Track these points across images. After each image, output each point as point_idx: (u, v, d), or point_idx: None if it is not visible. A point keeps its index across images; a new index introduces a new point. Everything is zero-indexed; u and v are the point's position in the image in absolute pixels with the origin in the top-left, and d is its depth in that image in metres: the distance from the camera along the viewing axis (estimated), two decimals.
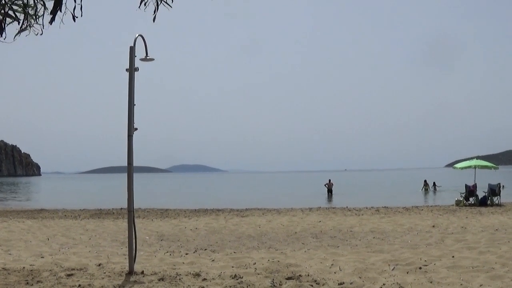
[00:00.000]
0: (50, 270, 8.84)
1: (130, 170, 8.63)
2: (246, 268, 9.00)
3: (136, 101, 8.67)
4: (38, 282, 7.94)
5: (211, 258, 10.23)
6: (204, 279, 8.08)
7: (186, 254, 11.08)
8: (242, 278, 8.12)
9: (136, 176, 9.01)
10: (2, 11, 5.68)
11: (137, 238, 8.90)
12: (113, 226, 18.25)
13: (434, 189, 47.43)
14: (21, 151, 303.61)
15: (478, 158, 31.60)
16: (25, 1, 5.79)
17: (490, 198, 26.75)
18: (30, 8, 5.84)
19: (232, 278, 8.11)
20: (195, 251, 11.61)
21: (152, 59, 9.13)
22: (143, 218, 21.41)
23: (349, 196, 41.87)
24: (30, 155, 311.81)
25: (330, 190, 43.00)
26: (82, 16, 5.66)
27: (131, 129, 8.62)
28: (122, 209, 26.26)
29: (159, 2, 5.96)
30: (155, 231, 16.58)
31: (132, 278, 8.21)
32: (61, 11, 5.50)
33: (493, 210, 23.01)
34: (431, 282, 7.68)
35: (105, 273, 8.64)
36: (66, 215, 23.78)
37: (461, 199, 27.00)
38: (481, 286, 7.44)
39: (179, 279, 8.07)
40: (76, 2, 5.57)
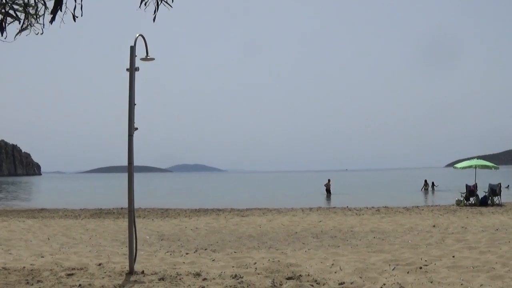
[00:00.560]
0: (51, 270, 8.84)
1: (130, 169, 8.63)
2: (247, 268, 9.00)
3: (136, 100, 8.67)
4: (38, 281, 7.94)
5: (212, 258, 10.24)
6: (204, 279, 8.09)
7: (187, 253, 11.08)
8: (242, 278, 8.12)
9: (136, 175, 9.01)
10: (3, 11, 5.69)
11: (137, 237, 8.91)
12: (113, 226, 18.26)
13: (433, 188, 47.61)
14: (21, 151, 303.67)
15: (479, 158, 31.66)
16: (25, 0, 5.80)
17: (490, 198, 26.75)
18: (31, 7, 5.85)
19: (232, 278, 8.11)
20: (196, 251, 11.61)
21: (152, 59, 9.13)
22: (144, 217, 21.42)
23: (349, 196, 41.85)
24: (31, 155, 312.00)
25: (328, 190, 43.09)
26: (82, 15, 5.68)
27: (132, 128, 8.62)
28: (122, 208, 26.27)
29: (159, 2, 5.97)
30: (156, 231, 16.59)
31: (132, 278, 8.21)
32: (61, 11, 5.52)
33: (493, 210, 23.00)
34: (432, 282, 7.68)
35: (105, 272, 8.65)
36: (66, 215, 23.79)
37: (461, 199, 26.99)
38: (481, 286, 7.44)
39: (180, 279, 8.07)
40: (76, 2, 5.58)
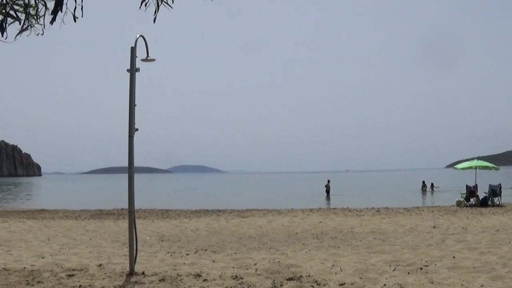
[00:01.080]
0: (51, 271, 8.84)
1: (131, 170, 8.63)
2: (247, 268, 9.00)
3: (137, 101, 8.68)
4: (38, 282, 7.94)
5: (212, 259, 10.23)
6: (205, 280, 8.08)
7: (187, 254, 11.08)
8: (243, 278, 8.12)
9: (136, 176, 9.01)
10: (3, 11, 5.69)
11: (137, 238, 8.91)
12: (113, 227, 18.25)
13: (432, 189, 47.68)
14: (21, 152, 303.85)
15: (479, 158, 31.66)
16: (26, 1, 5.80)
17: (491, 198, 26.74)
18: (31, 8, 5.85)
19: (233, 279, 8.11)
20: (196, 252, 11.61)
21: (153, 60, 9.13)
22: (144, 218, 21.41)
23: (350, 197, 41.86)
24: (31, 156, 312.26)
25: (327, 191, 43.14)
26: (82, 16, 5.68)
27: (132, 129, 8.62)
28: (122, 209, 26.25)
29: (160, 3, 5.97)
30: (156, 232, 16.58)
31: (132, 279, 8.21)
32: (62, 11, 5.52)
33: (494, 210, 23.00)
34: (432, 283, 7.67)
35: (105, 273, 8.64)
36: (66, 216, 23.78)
37: (462, 200, 26.98)
38: (482, 286, 7.43)
39: (180, 280, 8.07)
40: (76, 3, 5.58)
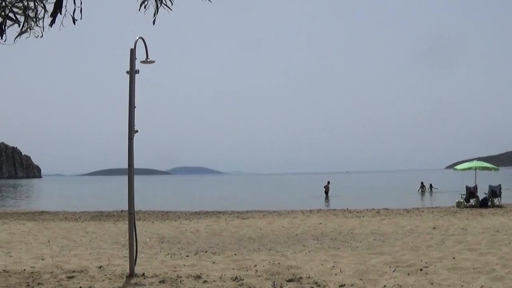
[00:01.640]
0: (51, 272, 8.84)
1: (130, 172, 8.64)
2: (247, 270, 9.00)
3: (136, 103, 8.68)
4: (38, 284, 7.94)
5: (212, 260, 10.23)
6: (205, 281, 8.09)
7: (187, 256, 11.08)
8: (243, 280, 8.12)
9: (136, 178, 9.01)
10: (3, 14, 5.69)
11: (137, 240, 8.90)
12: (113, 228, 18.26)
13: (431, 190, 47.75)
14: (21, 153, 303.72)
15: (479, 159, 31.62)
16: (25, 3, 5.80)
17: (490, 199, 26.73)
18: (31, 10, 5.85)
19: (233, 280, 8.11)
20: (196, 253, 11.61)
21: (152, 62, 9.14)
22: (144, 220, 21.42)
23: (350, 198, 41.84)
24: (31, 157, 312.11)
25: (326, 192, 43.18)
26: (82, 18, 5.68)
27: (132, 131, 8.62)
28: (122, 211, 26.24)
29: (159, 5, 5.97)
30: (156, 233, 16.58)
31: (133, 281, 8.21)
32: (61, 14, 5.52)
33: (493, 211, 22.99)
34: (432, 284, 7.68)
35: (105, 275, 8.64)
36: (66, 217, 23.78)
37: (461, 201, 26.97)
38: (482, 287, 7.43)
39: (180, 281, 8.07)
40: (76, 5, 5.58)
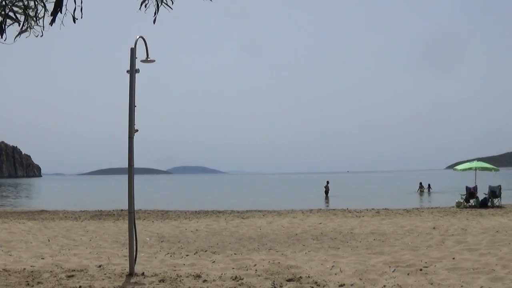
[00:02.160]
0: (51, 271, 8.84)
1: (130, 171, 8.64)
2: (247, 269, 9.00)
3: (136, 102, 8.68)
4: (38, 283, 7.94)
5: (212, 260, 10.23)
6: (204, 281, 8.08)
7: (187, 255, 11.08)
8: (242, 279, 8.12)
9: (136, 177, 9.01)
10: (3, 13, 5.69)
11: (137, 239, 8.91)
12: (113, 228, 18.25)
13: (429, 191, 47.85)
14: (21, 153, 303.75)
15: (479, 160, 31.61)
16: (25, 2, 5.80)
17: (490, 200, 26.74)
18: (31, 9, 5.85)
19: (232, 280, 8.11)
20: (196, 253, 11.61)
21: (153, 61, 9.14)
22: (144, 219, 21.42)
23: (349, 198, 41.84)
24: (31, 157, 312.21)
25: (326, 192, 43.19)
26: (82, 17, 5.67)
27: (132, 130, 8.62)
28: (122, 210, 26.26)
29: (160, 4, 5.97)
30: (156, 233, 16.58)
31: (132, 280, 8.21)
32: (61, 13, 5.51)
33: (493, 211, 22.99)
34: (432, 284, 7.67)
35: (105, 274, 8.65)
36: (66, 217, 23.78)
37: (461, 201, 26.97)
38: None
39: (180, 281, 8.07)
40: (76, 4, 5.57)
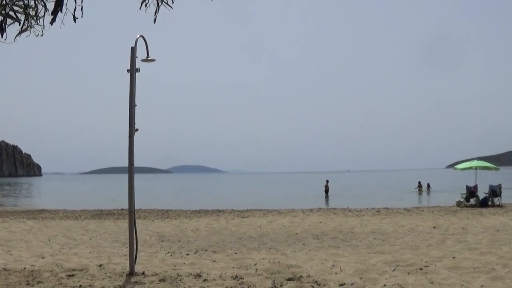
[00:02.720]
0: (51, 271, 8.84)
1: (131, 170, 8.64)
2: (247, 269, 9.00)
3: (137, 101, 8.67)
4: (39, 282, 7.94)
5: (212, 259, 10.24)
6: (205, 280, 8.09)
7: (187, 254, 11.08)
8: (243, 279, 8.12)
9: (136, 176, 9.01)
10: (3, 12, 5.69)
11: (138, 238, 8.91)
12: (114, 227, 18.25)
13: (428, 190, 47.87)
14: (22, 152, 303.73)
15: (479, 159, 31.61)
16: (26, 2, 5.80)
17: (491, 199, 26.74)
18: (31, 9, 5.85)
19: (233, 279, 8.11)
20: (196, 252, 11.61)
21: (153, 60, 9.14)
22: (144, 218, 21.42)
23: (350, 197, 41.84)
24: (31, 156, 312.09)
25: (326, 191, 43.20)
26: (82, 17, 5.67)
27: (132, 129, 8.62)
28: (123, 209, 26.24)
29: (160, 3, 5.96)
30: (156, 232, 16.58)
31: (133, 279, 8.22)
32: (61, 12, 5.51)
33: (494, 211, 22.98)
34: (432, 283, 7.68)
35: (106, 273, 8.65)
36: (67, 216, 23.78)
37: (462, 200, 26.97)
38: (482, 287, 7.43)
39: (180, 280, 8.07)
40: (76, 3, 5.58)
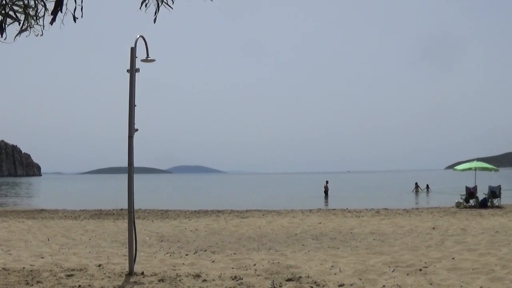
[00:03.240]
0: (50, 271, 8.84)
1: (130, 171, 8.64)
2: (246, 269, 9.00)
3: (136, 102, 8.68)
4: (38, 282, 7.94)
5: (211, 259, 10.24)
6: (204, 280, 8.09)
7: (186, 255, 11.09)
8: (242, 279, 8.12)
9: (136, 176, 9.02)
10: (3, 12, 5.69)
11: (137, 239, 8.90)
12: (113, 227, 18.25)
13: (427, 191, 47.92)
14: (21, 151, 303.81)
15: (479, 160, 31.61)
16: (25, 1, 5.80)
17: (490, 200, 26.74)
18: (31, 8, 5.85)
19: (232, 279, 8.11)
20: (195, 252, 11.61)
21: (153, 60, 9.14)
22: (143, 219, 21.42)
23: (349, 198, 41.82)
24: (31, 156, 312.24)
25: (326, 192, 43.21)
26: (82, 17, 5.68)
27: (132, 130, 8.62)
28: (122, 209, 26.25)
29: (160, 4, 5.97)
30: (155, 232, 16.58)
31: (132, 279, 8.21)
32: (61, 12, 5.51)
33: (493, 212, 22.99)
34: (431, 284, 7.67)
35: (105, 273, 8.65)
36: (66, 216, 23.78)
37: (461, 201, 26.97)
38: None
39: (179, 280, 8.07)
40: (76, 3, 5.58)
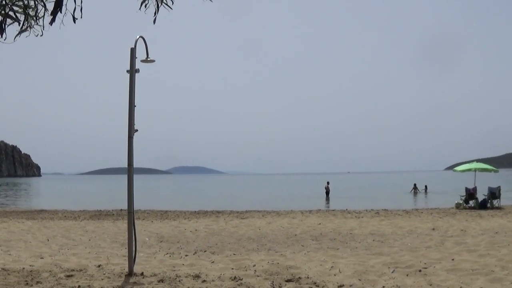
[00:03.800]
0: (50, 271, 8.84)
1: (130, 171, 8.64)
2: (246, 270, 9.00)
3: (136, 102, 8.68)
4: (37, 282, 7.94)
5: (211, 260, 10.24)
6: (203, 281, 8.09)
7: (186, 255, 11.08)
8: (241, 280, 8.12)
9: (136, 177, 9.02)
10: (3, 12, 5.69)
11: (137, 239, 8.91)
12: (113, 228, 18.25)
13: (425, 192, 47.94)
14: (21, 152, 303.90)
15: (478, 161, 31.60)
16: (25, 2, 5.80)
17: (490, 201, 26.74)
18: (31, 9, 5.85)
19: (231, 280, 8.11)
20: (195, 253, 11.61)
21: (152, 61, 9.14)
22: (143, 219, 21.42)
23: (349, 198, 41.83)
24: (30, 156, 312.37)
25: (327, 193, 43.22)
26: (82, 17, 5.67)
27: (132, 130, 8.63)
28: (122, 210, 26.26)
29: (160, 4, 5.96)
30: (155, 233, 16.58)
31: (131, 280, 8.22)
32: (61, 12, 5.51)
33: (493, 213, 22.99)
34: (431, 285, 7.68)
35: (104, 274, 8.65)
36: (66, 216, 23.78)
37: (461, 202, 26.96)
38: None
39: (179, 281, 8.07)
40: (76, 4, 5.57)
